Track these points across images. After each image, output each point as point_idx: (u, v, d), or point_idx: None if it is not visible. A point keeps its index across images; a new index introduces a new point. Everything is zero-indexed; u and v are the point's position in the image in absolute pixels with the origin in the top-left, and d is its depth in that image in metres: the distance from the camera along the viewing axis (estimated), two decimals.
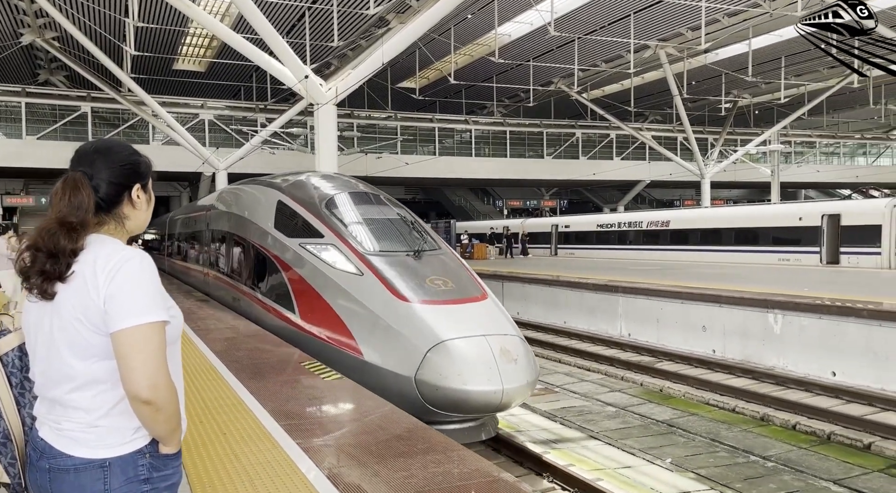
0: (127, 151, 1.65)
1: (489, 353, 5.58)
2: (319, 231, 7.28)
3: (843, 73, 29.16)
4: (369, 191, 8.45)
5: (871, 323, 8.98)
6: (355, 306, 6.31)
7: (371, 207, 8.02)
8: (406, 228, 7.74)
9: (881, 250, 17.37)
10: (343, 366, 5.88)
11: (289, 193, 8.32)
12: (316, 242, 7.16)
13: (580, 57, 26.48)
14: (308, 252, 7.10)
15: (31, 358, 1.57)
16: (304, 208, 7.70)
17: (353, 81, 15.07)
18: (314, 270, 6.92)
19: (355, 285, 6.48)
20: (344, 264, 6.75)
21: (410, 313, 6.00)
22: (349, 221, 7.47)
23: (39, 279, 1.47)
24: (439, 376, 5.43)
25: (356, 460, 3.46)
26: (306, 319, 6.80)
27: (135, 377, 1.43)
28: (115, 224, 1.60)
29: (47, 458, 1.50)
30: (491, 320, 6.18)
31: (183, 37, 26.11)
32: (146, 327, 1.45)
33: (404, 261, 6.80)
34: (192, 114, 32.28)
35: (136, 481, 1.49)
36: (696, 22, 23.27)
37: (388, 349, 5.85)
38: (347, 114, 32.81)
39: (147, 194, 1.67)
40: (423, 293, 6.25)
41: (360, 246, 6.92)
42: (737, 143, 38.03)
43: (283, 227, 7.85)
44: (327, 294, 6.64)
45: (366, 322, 6.14)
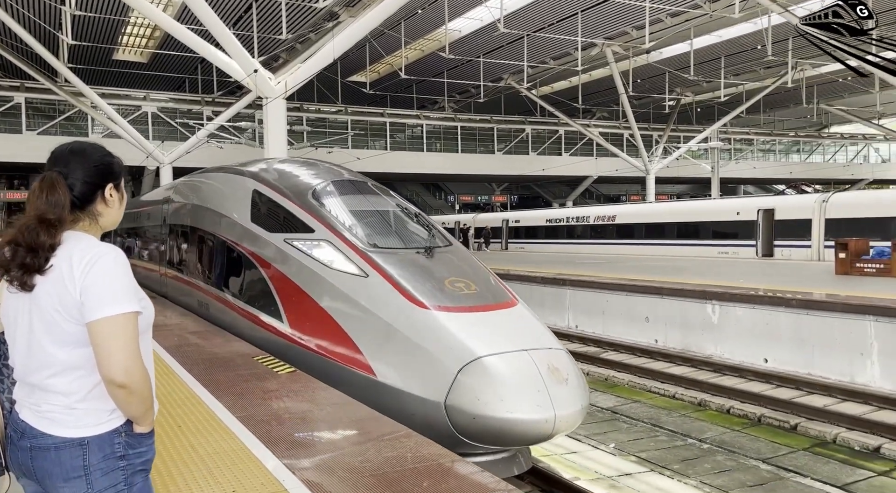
0: (100, 153, 1.76)
1: (535, 372, 4.65)
2: (309, 225, 6.26)
3: (779, 73, 30.46)
4: (359, 179, 7.46)
5: (799, 312, 9.52)
6: (360, 314, 5.36)
7: (364, 197, 7.03)
8: (410, 221, 6.82)
9: (811, 243, 18.31)
10: (349, 386, 4.95)
11: (265, 181, 7.20)
12: (305, 237, 6.18)
13: (529, 54, 26.91)
14: (296, 249, 6.11)
15: (11, 346, 1.67)
16: (286, 199, 6.66)
17: (303, 75, 14.96)
18: (305, 270, 5.94)
19: (359, 289, 5.51)
20: (343, 264, 5.78)
21: (432, 323, 5.05)
22: (343, 214, 6.45)
23: (20, 272, 1.57)
24: (476, 402, 4.47)
25: (312, 448, 3.56)
26: (297, 328, 5.82)
27: (110, 363, 1.54)
28: (90, 221, 1.70)
29: (28, 438, 1.60)
30: (529, 330, 5.26)
31: (123, 26, 25.34)
32: (120, 317, 1.55)
33: (415, 259, 5.85)
34: (135, 106, 31.37)
35: (113, 457, 1.60)
36: (640, 21, 23.94)
37: (408, 367, 4.88)
38: (297, 107, 32.46)
39: (119, 193, 1.77)
40: (444, 298, 5.31)
41: (360, 242, 5.94)
42: (680, 139, 39.28)
43: (261, 220, 6.84)
44: (323, 299, 5.68)
45: (376, 333, 5.20)
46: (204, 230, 8.19)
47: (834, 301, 9.29)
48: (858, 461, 6.80)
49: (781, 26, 23.25)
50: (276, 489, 3.05)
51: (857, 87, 33.75)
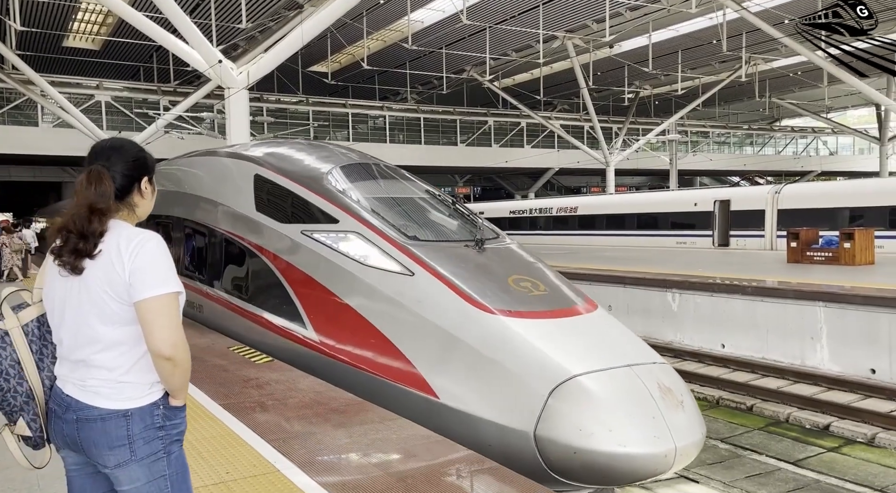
0: (136, 149, 1.90)
1: (646, 394, 3.86)
2: (331, 214, 5.46)
3: (733, 67, 31.29)
4: (373, 161, 6.62)
5: (754, 299, 9.93)
6: (409, 320, 4.60)
7: (387, 182, 6.24)
8: (447, 208, 6.00)
9: (765, 233, 18.98)
10: (403, 408, 4.21)
11: (269, 164, 6.35)
12: (327, 229, 5.38)
13: (492, 46, 27.04)
14: (317, 243, 5.32)
15: (58, 326, 1.76)
16: (298, 185, 5.85)
17: (266, 66, 14.78)
18: (330, 267, 5.17)
19: (404, 289, 4.75)
20: (380, 260, 4.99)
21: (505, 332, 4.26)
22: (370, 201, 5.66)
23: (72, 257, 1.70)
24: (577, 434, 3.64)
25: (299, 431, 3.64)
26: (325, 334, 5.04)
27: (158, 338, 1.67)
28: (128, 211, 1.84)
29: (74, 410, 1.72)
30: (623, 341, 4.53)
31: (74, 12, 24.55)
32: (166, 296, 1.70)
33: (465, 254, 5.10)
34: (87, 95, 30.42)
35: (153, 428, 1.73)
36: (600, 15, 24.29)
37: (480, 388, 4.09)
38: (257, 98, 31.95)
39: (152, 185, 1.91)
40: (512, 301, 4.54)
41: (396, 234, 5.16)
42: (639, 132, 40.01)
43: (269, 209, 6.01)
44: (356, 301, 4.92)
45: (432, 344, 4.42)
46: (193, 221, 7.38)
47: (786, 288, 9.72)
48: (809, 439, 7.18)
49: (736, 21, 23.89)
50: (268, 469, 3.14)
51: (807, 81, 34.93)
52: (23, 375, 1.75)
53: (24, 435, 1.78)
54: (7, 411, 1.77)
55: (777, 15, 22.91)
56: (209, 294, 6.86)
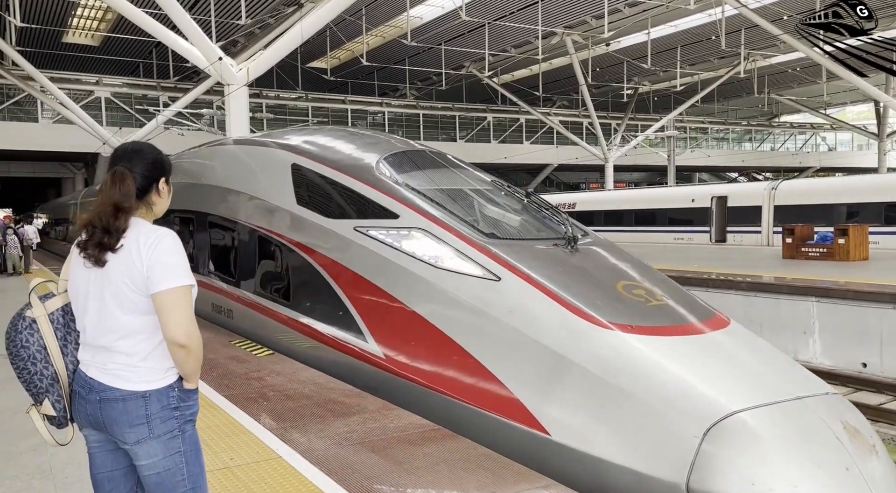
0: (155, 152, 2.05)
1: (831, 436, 3.06)
2: (388, 208, 4.81)
3: (732, 63, 31.36)
4: (423, 148, 6.00)
5: (749, 294, 10.05)
6: (500, 334, 3.89)
7: (445, 171, 5.57)
8: (518, 201, 5.32)
9: (761, 229, 19.10)
10: (499, 442, 3.54)
11: (309, 153, 5.73)
12: (386, 225, 4.73)
13: (490, 42, 27.09)
14: (375, 241, 4.68)
15: (82, 314, 1.91)
16: (347, 175, 5.20)
17: (266, 62, 14.84)
18: (393, 269, 4.51)
19: (490, 297, 4.06)
20: (455, 261, 4.33)
21: (631, 353, 3.52)
22: (432, 193, 4.97)
23: (96, 250, 1.84)
24: (749, 488, 2.85)
25: (300, 420, 3.75)
26: (392, 349, 4.36)
27: (173, 327, 1.81)
28: (146, 209, 1.99)
29: (97, 392, 1.87)
30: (783, 365, 3.69)
31: (74, 8, 24.59)
32: (180, 288, 1.84)
33: (556, 255, 4.45)
34: (87, 91, 30.47)
35: (169, 408, 1.87)
36: (599, 11, 24.35)
37: (607, 423, 3.33)
38: (256, 94, 32.00)
39: (168, 186, 2.05)
40: (630, 313, 3.83)
41: (471, 231, 4.51)
42: (638, 128, 40.07)
43: (312, 203, 5.37)
44: (429, 310, 4.23)
45: (533, 365, 3.69)
46: (219, 216, 6.77)
47: (780, 284, 9.83)
48: None
49: (735, 18, 23.94)
50: (270, 455, 3.25)
51: (805, 78, 35.01)
52: (48, 359, 1.90)
53: (49, 415, 1.93)
54: (34, 392, 1.92)
55: (775, 11, 22.99)
56: (241, 298, 6.18)
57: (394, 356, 4.31)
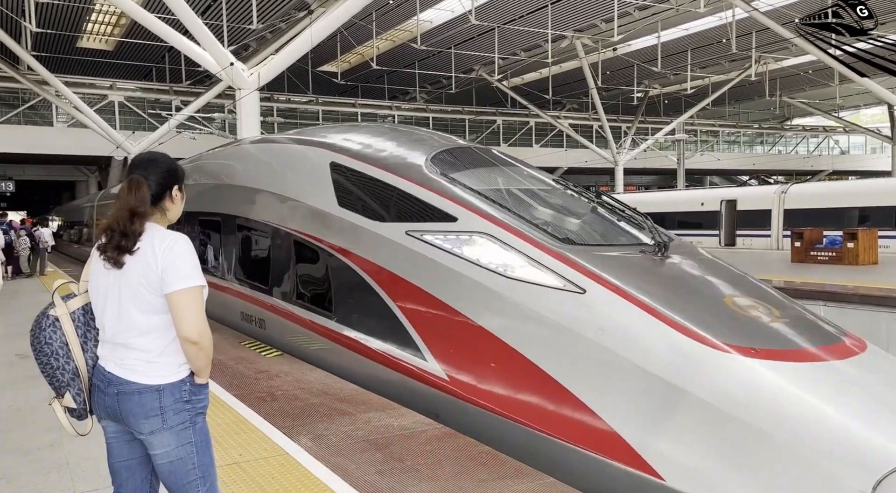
0: (168, 161, 2.18)
1: None
2: (445, 211, 4.37)
3: (743, 66, 31.26)
4: (471, 144, 5.66)
5: None
6: (591, 356, 3.44)
7: (502, 170, 5.17)
8: (588, 202, 4.86)
9: (770, 232, 19.03)
10: (598, 485, 3.16)
11: (349, 151, 5.32)
12: (443, 229, 4.30)
13: (500, 45, 27.17)
14: (431, 247, 4.24)
15: (101, 313, 2.03)
16: (394, 175, 4.78)
17: (277, 67, 15.00)
18: (455, 278, 4.08)
19: (575, 312, 3.62)
20: (529, 270, 3.89)
21: (761, 383, 3.06)
22: (493, 194, 4.55)
23: (115, 252, 1.97)
24: None
25: (307, 418, 3.84)
26: (455, 368, 3.92)
27: (186, 325, 1.94)
28: (160, 215, 2.11)
29: (115, 385, 1.99)
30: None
31: (88, 13, 24.92)
32: (193, 289, 1.96)
33: (646, 264, 4.01)
34: (101, 95, 30.85)
35: (181, 401, 1.99)
36: (609, 14, 24.37)
37: (737, 469, 2.86)
38: (267, 98, 32.26)
39: (182, 193, 2.16)
40: (751, 333, 3.37)
41: (544, 236, 4.06)
42: (648, 131, 40.01)
43: (356, 204, 4.92)
44: (499, 325, 3.81)
45: (636, 394, 3.26)
46: (248, 219, 6.36)
47: (788, 287, 9.82)
48: None
49: (745, 20, 23.90)
50: (277, 452, 3.35)
51: (817, 80, 34.81)
52: (70, 355, 2.03)
53: (70, 407, 2.06)
54: (56, 386, 2.05)
55: (786, 14, 22.92)
56: (275, 307, 5.76)
57: (459, 378, 3.82)
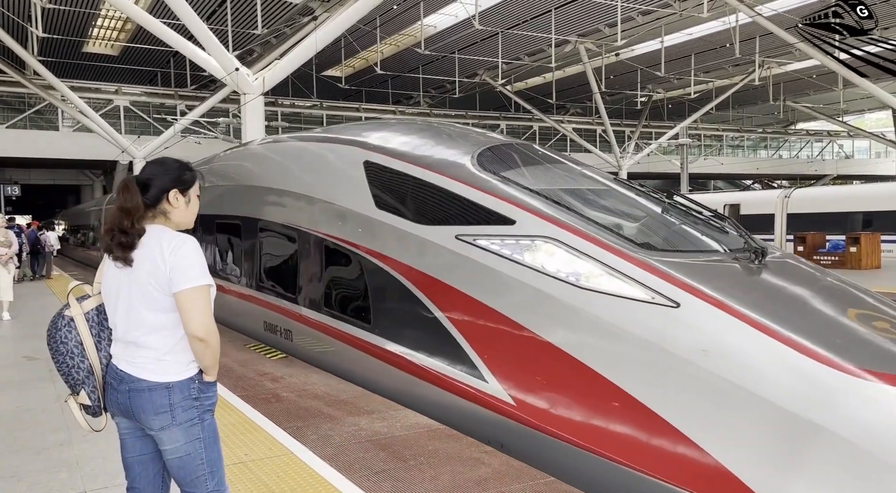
0: (172, 165, 2.20)
1: None
2: (502, 213, 3.97)
3: (746, 71, 31.29)
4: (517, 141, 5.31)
5: None
6: (699, 383, 2.98)
7: (556, 168, 4.81)
8: (661, 204, 4.44)
9: (774, 236, 19.04)
10: None
11: (384, 148, 4.95)
12: (500, 233, 3.90)
13: (504, 50, 27.26)
14: (487, 253, 3.85)
15: (113, 312, 2.11)
16: (439, 174, 4.41)
17: (281, 72, 15.10)
18: (516, 288, 3.68)
19: (670, 330, 3.18)
20: (607, 280, 3.46)
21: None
22: (555, 194, 4.15)
23: (119, 250, 2.05)
24: None
25: (312, 419, 3.89)
26: (522, 391, 3.47)
27: (193, 322, 2.01)
28: (163, 218, 2.15)
29: (126, 383, 2.06)
30: None
31: (94, 19, 25.11)
32: (200, 288, 2.03)
33: (747, 274, 3.57)
34: (106, 100, 31.07)
35: (190, 398, 2.06)
36: (612, 19, 24.44)
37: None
38: (271, 102, 32.43)
39: (185, 198, 2.17)
40: (894, 358, 2.94)
41: (620, 241, 3.65)
42: (651, 135, 40.05)
43: (395, 206, 4.54)
44: (573, 341, 3.40)
45: (755, 429, 2.83)
46: (274, 222, 6.01)
47: None
48: None
49: (749, 25, 23.93)
50: (282, 451, 3.40)
51: (821, 85, 34.79)
52: (84, 354, 2.10)
53: (85, 404, 2.13)
54: (72, 383, 2.12)
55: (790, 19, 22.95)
56: (303, 317, 5.39)
57: (529, 402, 3.38)
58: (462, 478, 3.07)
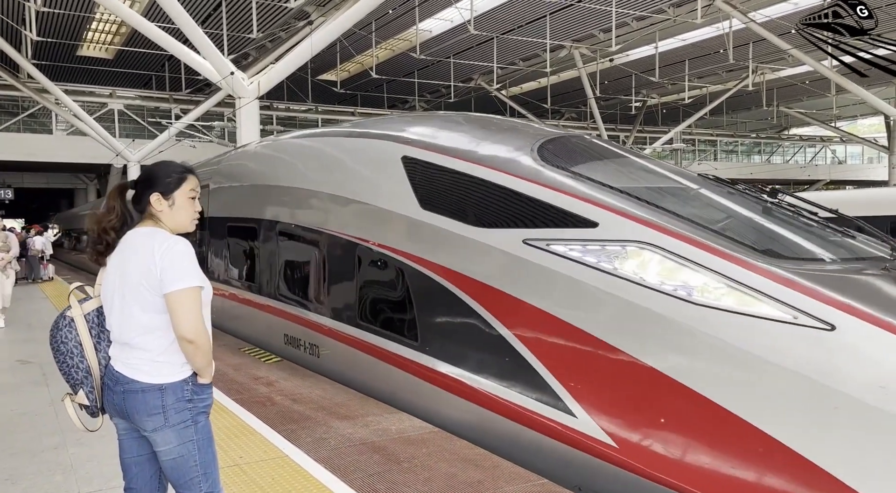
0: (167, 168, 2.21)
1: None
2: (580, 214, 3.43)
3: (740, 76, 31.49)
4: (577, 133, 4.85)
5: None
6: (875, 426, 2.49)
7: (631, 163, 4.33)
8: (759, 203, 3.93)
9: None
10: None
11: (426, 143, 4.45)
12: (582, 237, 3.37)
13: (499, 55, 27.36)
14: (565, 260, 3.32)
15: (109, 314, 2.13)
16: (496, 170, 3.89)
17: (277, 76, 15.13)
18: (607, 302, 3.14)
19: (828, 359, 2.67)
20: (732, 295, 2.93)
21: None
22: (643, 193, 3.63)
23: (95, 255, 2.15)
24: None
25: (305, 422, 3.90)
26: (631, 431, 2.93)
27: (182, 324, 2.02)
28: (153, 221, 2.17)
29: (121, 384, 2.08)
30: None
31: (88, 22, 25.09)
32: (189, 289, 2.04)
33: None
34: (100, 103, 31.02)
35: (183, 400, 2.07)
36: (607, 24, 24.57)
37: None
38: (266, 106, 32.43)
39: (169, 201, 2.17)
40: None
41: (739, 249, 3.11)
42: (646, 140, 40.21)
43: (445, 207, 4.00)
44: (694, 372, 2.85)
45: None
46: (293, 225, 5.52)
47: None
48: None
49: (742, 31, 24.09)
50: (277, 454, 3.41)
51: (814, 91, 35.04)
52: (83, 355, 2.12)
53: (83, 404, 2.16)
54: (71, 383, 2.15)
55: (783, 25, 23.12)
56: (335, 332, 4.83)
57: (634, 441, 2.83)
58: (456, 480, 3.09)
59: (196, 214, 2.22)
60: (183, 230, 2.19)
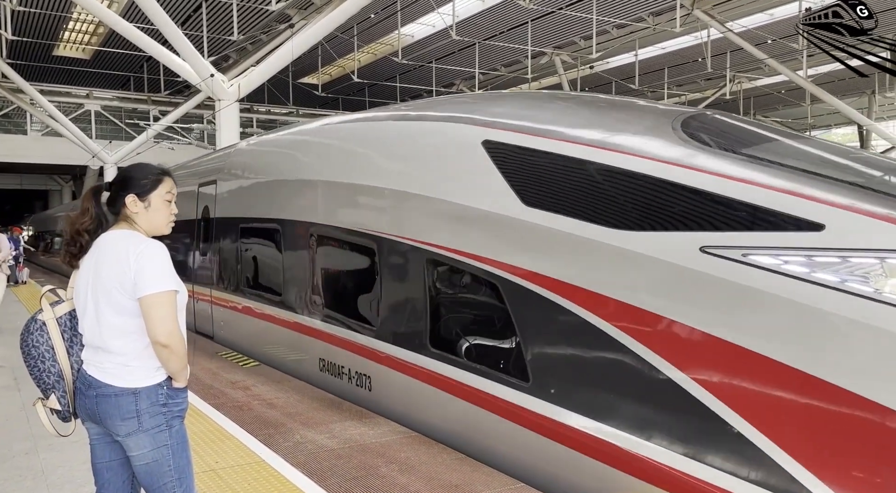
0: (143, 170, 2.19)
1: None
2: (792, 214, 2.50)
3: (718, 85, 31.96)
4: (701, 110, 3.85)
5: None
6: None
7: (801, 144, 3.49)
8: None
9: None
10: None
11: (516, 125, 3.51)
12: (799, 244, 2.45)
13: (481, 61, 27.48)
14: (778, 276, 2.40)
15: (82, 317, 2.10)
16: (635, 157, 3.00)
17: (257, 79, 15.05)
18: (871, 344, 2.19)
19: None
20: None
21: None
22: (867, 181, 3.00)
23: (68, 257, 2.14)
24: None
25: (282, 426, 3.87)
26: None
27: (156, 328, 1.98)
28: (128, 223, 2.14)
29: (94, 388, 2.04)
30: None
31: (65, 22, 24.74)
32: (164, 293, 2.00)
33: None
34: (77, 104, 30.59)
35: (158, 404, 2.03)
36: (588, 32, 24.80)
37: None
38: (247, 109, 32.23)
39: (144, 202, 2.14)
40: None
41: None
42: None
43: (566, 204, 3.08)
44: None
45: None
46: (332, 226, 4.57)
47: None
48: None
49: (720, 41, 24.47)
50: (254, 459, 3.38)
51: (790, 100, 35.67)
52: (55, 358, 2.09)
53: (55, 409, 2.12)
54: (42, 387, 2.12)
55: (760, 35, 23.52)
56: (396, 361, 3.91)
57: None
58: (434, 484, 3.08)
59: (172, 217, 2.20)
60: (158, 233, 2.17)
